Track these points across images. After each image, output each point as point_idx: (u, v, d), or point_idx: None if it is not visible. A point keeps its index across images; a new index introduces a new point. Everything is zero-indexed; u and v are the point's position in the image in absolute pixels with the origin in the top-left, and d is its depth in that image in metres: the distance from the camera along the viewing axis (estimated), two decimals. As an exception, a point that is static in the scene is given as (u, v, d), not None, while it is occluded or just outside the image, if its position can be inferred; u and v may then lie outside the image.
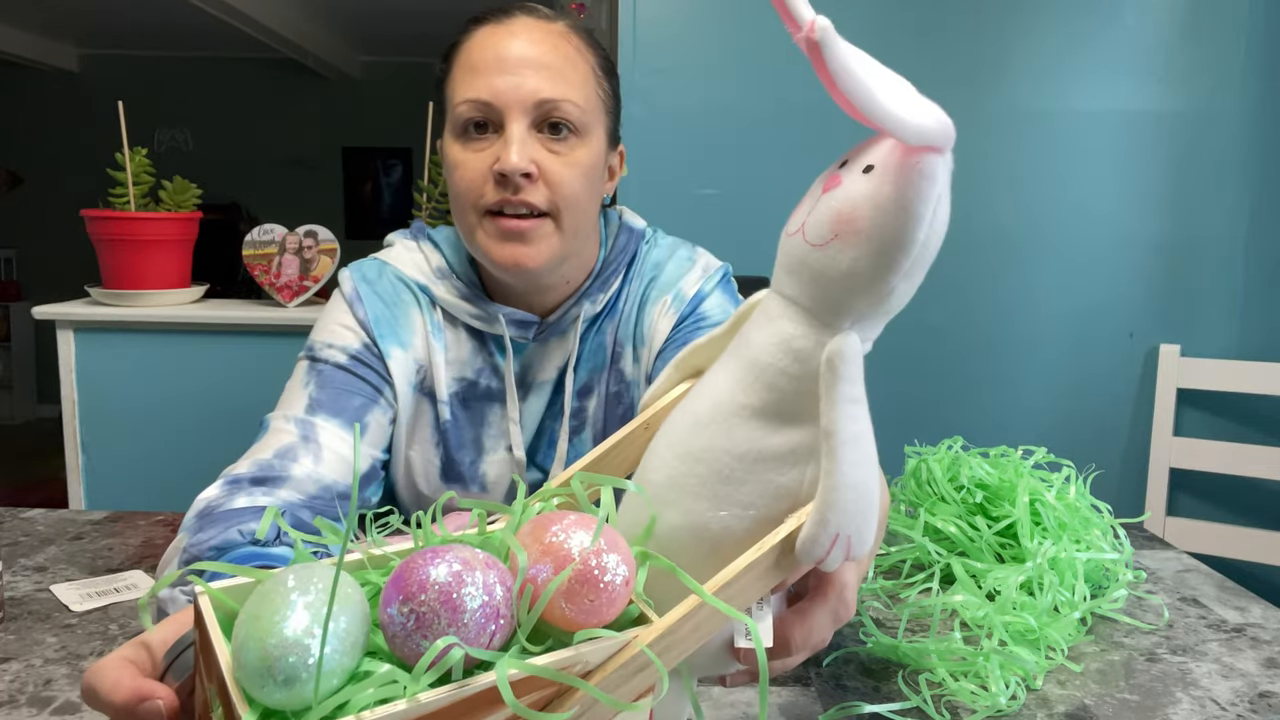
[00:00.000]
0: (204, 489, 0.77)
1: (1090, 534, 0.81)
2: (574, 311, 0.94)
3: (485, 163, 0.84)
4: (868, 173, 0.42)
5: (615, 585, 0.38)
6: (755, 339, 0.45)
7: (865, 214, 0.42)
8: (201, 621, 0.37)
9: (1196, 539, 1.81)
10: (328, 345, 0.91)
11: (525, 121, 0.84)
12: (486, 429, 0.95)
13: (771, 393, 0.43)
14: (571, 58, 0.86)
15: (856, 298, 0.43)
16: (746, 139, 1.85)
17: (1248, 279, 1.89)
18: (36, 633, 0.73)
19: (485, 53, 0.85)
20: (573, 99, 0.85)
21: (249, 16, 4.01)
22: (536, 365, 0.95)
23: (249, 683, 0.33)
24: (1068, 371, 1.93)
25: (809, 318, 0.44)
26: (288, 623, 0.32)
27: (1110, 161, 1.88)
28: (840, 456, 0.42)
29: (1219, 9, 1.83)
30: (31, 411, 5.67)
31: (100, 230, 1.88)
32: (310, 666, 0.32)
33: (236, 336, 1.92)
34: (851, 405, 0.42)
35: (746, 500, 0.43)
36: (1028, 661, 0.66)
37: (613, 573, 0.37)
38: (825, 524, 0.41)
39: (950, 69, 1.86)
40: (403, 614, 0.34)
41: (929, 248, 0.42)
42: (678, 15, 1.85)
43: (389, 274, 0.96)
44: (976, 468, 0.86)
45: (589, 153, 0.87)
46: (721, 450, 0.44)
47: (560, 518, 0.40)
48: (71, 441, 1.95)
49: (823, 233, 0.42)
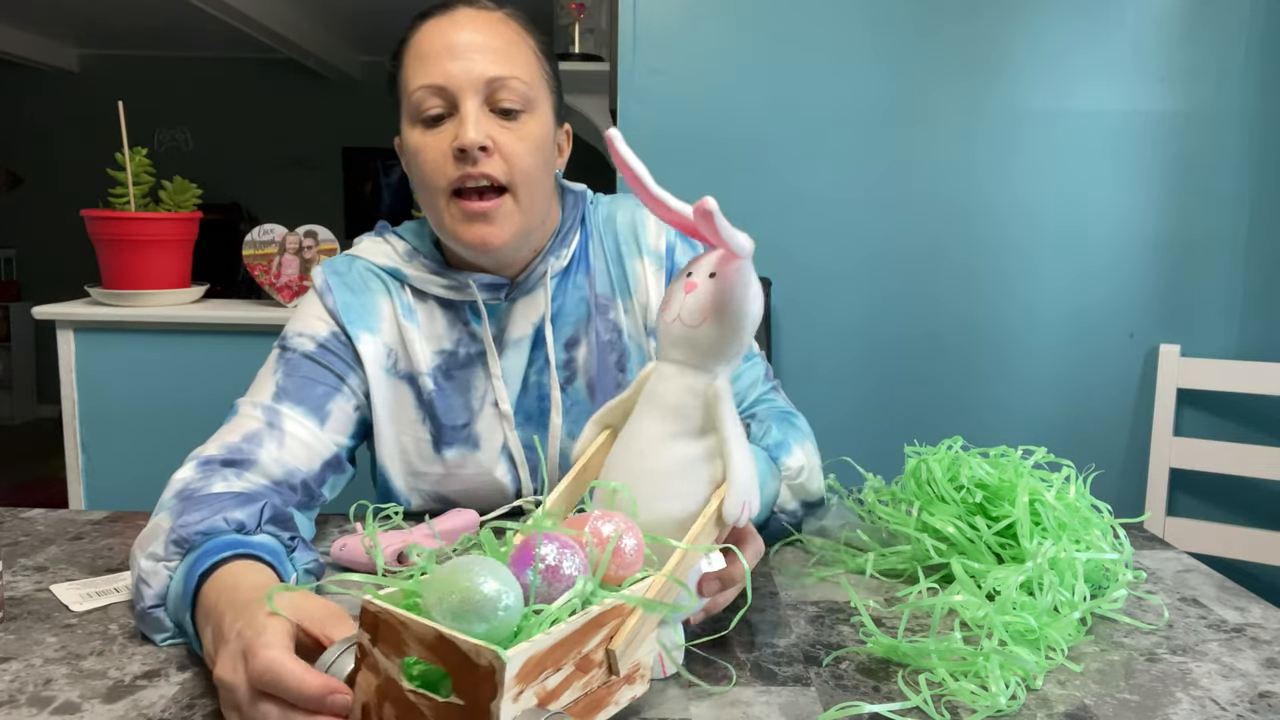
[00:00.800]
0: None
1: (1090, 534, 0.81)
2: (540, 269, 1.00)
3: (445, 143, 0.91)
4: (714, 277, 0.64)
5: (633, 553, 0.59)
6: (662, 391, 0.67)
7: (723, 302, 0.64)
8: (375, 621, 0.50)
9: (1196, 539, 1.81)
10: (298, 334, 0.98)
11: (477, 100, 0.91)
12: (473, 392, 1.01)
13: (687, 421, 0.66)
14: (514, 40, 0.94)
15: (723, 354, 0.66)
16: (746, 139, 1.85)
17: (1248, 279, 1.89)
18: (36, 633, 0.73)
19: (434, 42, 0.92)
20: (519, 76, 0.92)
21: (249, 16, 4.01)
22: (511, 323, 1.01)
23: (455, 624, 0.48)
24: (1067, 371, 1.93)
25: (695, 371, 0.66)
26: (485, 584, 0.49)
27: (1110, 161, 1.88)
28: (734, 452, 0.64)
29: (1219, 9, 1.83)
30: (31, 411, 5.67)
31: (100, 230, 1.88)
32: (500, 610, 0.48)
33: (236, 336, 1.93)
34: (733, 420, 0.65)
35: (690, 491, 0.65)
36: (1028, 661, 0.66)
37: (632, 546, 0.59)
38: (735, 496, 0.63)
39: (950, 68, 1.86)
40: (538, 570, 0.54)
41: (758, 318, 0.66)
42: (678, 15, 1.85)
43: (358, 266, 1.03)
44: (976, 468, 0.86)
45: (538, 127, 0.94)
46: (669, 460, 0.65)
47: (587, 517, 0.60)
48: (71, 441, 1.95)
49: (696, 318, 0.65)
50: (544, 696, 0.51)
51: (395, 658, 0.50)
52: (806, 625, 0.77)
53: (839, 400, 1.94)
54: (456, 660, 0.48)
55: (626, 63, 1.86)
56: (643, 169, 0.65)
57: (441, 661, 0.48)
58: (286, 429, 0.89)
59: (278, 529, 0.78)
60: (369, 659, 0.51)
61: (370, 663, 0.51)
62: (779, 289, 1.84)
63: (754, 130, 1.85)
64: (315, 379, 0.95)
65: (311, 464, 0.91)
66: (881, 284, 1.91)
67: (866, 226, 1.88)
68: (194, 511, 0.76)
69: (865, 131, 1.87)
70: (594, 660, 0.55)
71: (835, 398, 1.94)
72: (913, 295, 1.91)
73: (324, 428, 0.93)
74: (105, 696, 0.63)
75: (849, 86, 1.86)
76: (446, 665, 0.48)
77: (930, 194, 1.88)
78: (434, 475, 1.02)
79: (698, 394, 0.65)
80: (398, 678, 0.50)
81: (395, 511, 0.97)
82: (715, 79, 1.86)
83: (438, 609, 0.49)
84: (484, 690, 0.47)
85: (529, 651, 0.48)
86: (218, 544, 0.72)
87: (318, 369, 0.95)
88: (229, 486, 0.82)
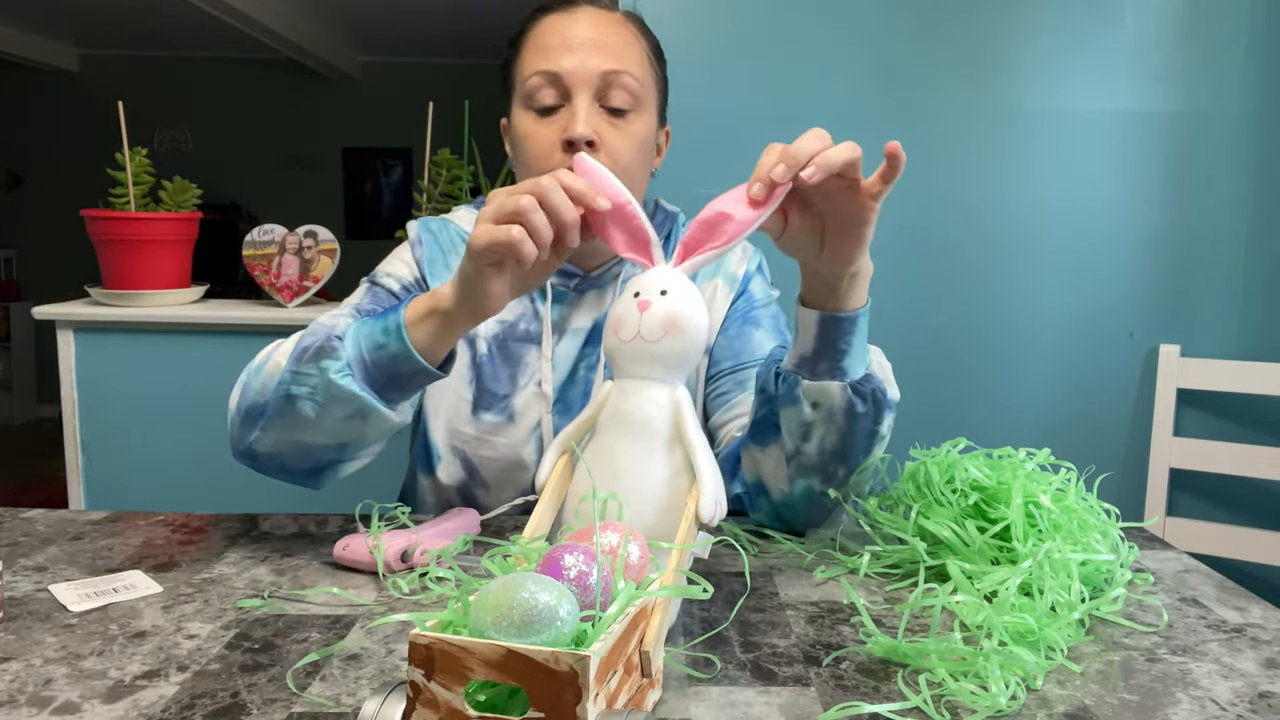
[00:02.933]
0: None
1: (1089, 536, 0.81)
2: (615, 269, 1.06)
3: (555, 133, 0.96)
4: (665, 295, 0.71)
5: (639, 558, 0.61)
6: (626, 409, 0.71)
7: (681, 316, 0.70)
8: (429, 654, 0.50)
9: (1196, 539, 1.81)
10: (386, 274, 1.06)
11: (589, 95, 0.96)
12: (522, 367, 1.06)
13: (657, 435, 0.70)
14: (629, 41, 1.00)
15: (684, 365, 0.71)
16: (746, 139, 1.85)
17: (1248, 279, 1.89)
18: (36, 633, 0.73)
19: (553, 36, 0.98)
20: (632, 73, 0.98)
21: (249, 16, 4.01)
22: (573, 313, 1.06)
23: (520, 639, 0.49)
24: (1067, 372, 1.93)
25: (656, 384, 0.71)
26: (541, 595, 0.50)
27: (1110, 161, 1.88)
28: (700, 456, 0.68)
29: (1219, 9, 1.83)
30: (31, 411, 5.67)
31: (100, 230, 1.88)
32: (560, 618, 0.50)
33: (236, 336, 1.93)
34: (696, 428, 0.70)
35: (677, 505, 0.69)
36: (1028, 662, 0.66)
37: (637, 554, 0.61)
38: (707, 496, 0.67)
39: (949, 69, 1.86)
40: (569, 581, 0.55)
41: (708, 326, 0.72)
42: (678, 15, 1.85)
43: (451, 228, 1.10)
44: (973, 469, 0.86)
45: (644, 126, 1.00)
46: (654, 480, 0.70)
47: (592, 530, 0.61)
48: (71, 441, 1.95)
49: (656, 333, 0.70)
50: (610, 699, 0.51)
51: (457, 687, 0.49)
52: (806, 625, 0.77)
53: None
54: (531, 673, 0.48)
55: (626, 63, 1.86)
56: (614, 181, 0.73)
57: (513, 679, 0.48)
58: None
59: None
60: (424, 695, 0.50)
61: (427, 699, 0.50)
62: (779, 290, 1.84)
63: (754, 130, 1.85)
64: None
65: None
66: (881, 284, 1.89)
67: (866, 226, 1.88)
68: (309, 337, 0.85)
69: (864, 132, 1.86)
70: (634, 663, 0.56)
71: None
72: (912, 295, 1.91)
73: None
74: (105, 696, 0.63)
75: (847, 86, 1.86)
76: (520, 681, 0.48)
77: (929, 194, 1.88)
78: (468, 435, 1.06)
79: (663, 405, 0.70)
80: (462, 708, 0.49)
81: (402, 511, 0.97)
82: (715, 79, 1.86)
83: (496, 628, 0.49)
84: (567, 697, 0.47)
85: (604, 649, 0.49)
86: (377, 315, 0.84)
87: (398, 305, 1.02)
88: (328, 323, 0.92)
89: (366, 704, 0.52)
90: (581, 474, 0.71)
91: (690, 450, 0.68)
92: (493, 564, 0.61)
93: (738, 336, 1.09)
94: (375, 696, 0.52)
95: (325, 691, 0.64)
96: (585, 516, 0.68)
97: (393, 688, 0.53)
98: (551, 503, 0.72)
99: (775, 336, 1.10)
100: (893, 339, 2.00)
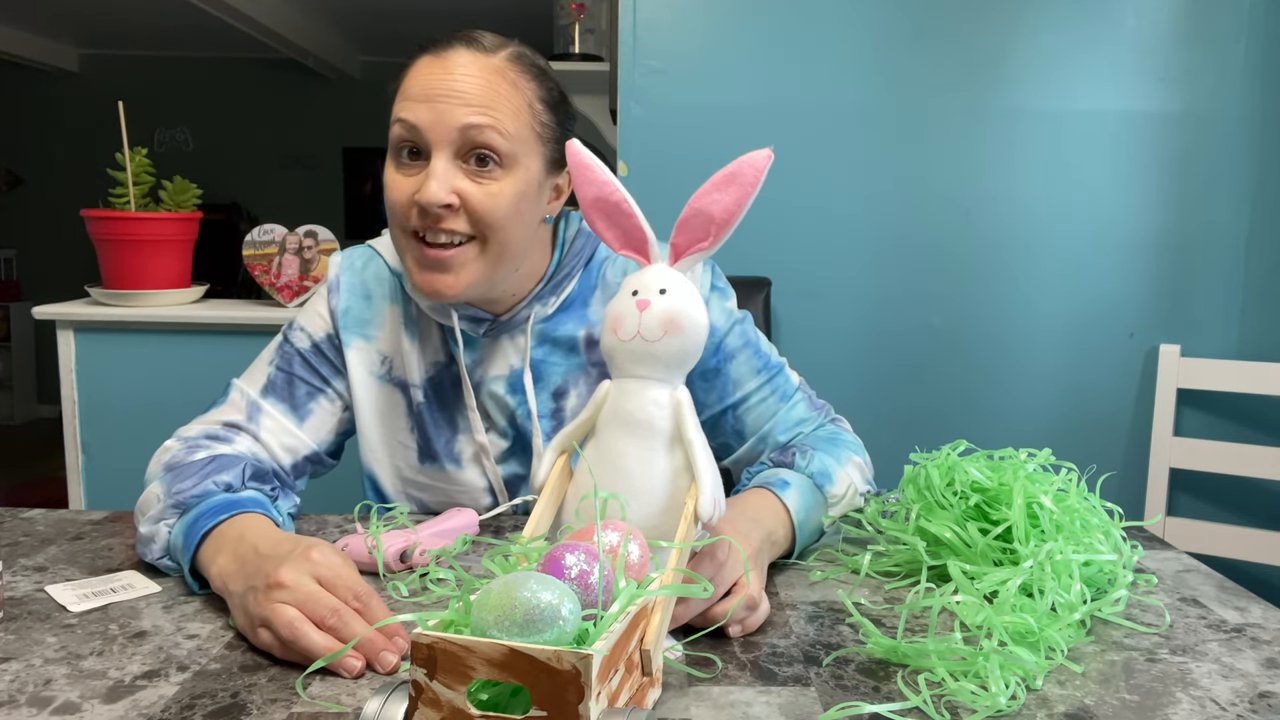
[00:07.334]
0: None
1: (1092, 536, 0.81)
2: (524, 313, 0.99)
3: (411, 188, 0.89)
4: (664, 294, 0.70)
5: (639, 558, 0.61)
6: (628, 409, 0.70)
7: (681, 315, 0.69)
8: (431, 654, 0.50)
9: (1196, 539, 1.81)
10: (300, 329, 1.03)
11: (449, 152, 0.87)
12: (461, 409, 1.02)
13: (658, 435, 0.70)
14: (503, 91, 0.89)
15: (684, 364, 0.71)
16: (746, 139, 1.85)
17: (1248, 279, 1.89)
18: (36, 633, 0.73)
19: (419, 82, 0.89)
20: (499, 127, 0.88)
21: (249, 16, 4.01)
22: (488, 360, 1.01)
23: (523, 638, 0.49)
24: (1067, 372, 1.93)
25: (657, 384, 0.71)
26: (543, 595, 0.50)
27: (1110, 161, 1.88)
28: (699, 455, 0.68)
29: (1219, 9, 1.83)
30: (31, 411, 5.67)
31: (100, 230, 1.88)
32: (562, 617, 0.50)
33: (236, 336, 1.93)
34: (695, 425, 0.70)
35: (677, 499, 0.69)
36: (1028, 662, 0.66)
37: (638, 553, 0.61)
38: (706, 495, 0.67)
39: (950, 69, 1.86)
40: (571, 580, 0.56)
41: (708, 325, 0.72)
42: (678, 15, 1.85)
43: (375, 266, 1.05)
44: (973, 471, 0.86)
45: (515, 181, 0.89)
46: (658, 480, 0.70)
47: (593, 529, 0.62)
48: (71, 441, 1.95)
49: (656, 333, 0.69)
50: (611, 698, 0.52)
51: (459, 686, 0.50)
52: (806, 625, 0.77)
53: (838, 400, 1.92)
54: (533, 672, 0.48)
55: (626, 63, 1.86)
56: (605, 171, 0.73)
57: (515, 678, 0.48)
58: (264, 426, 0.97)
59: (259, 484, 0.89)
60: (426, 694, 0.50)
61: (429, 698, 0.50)
62: (779, 289, 1.84)
63: (754, 130, 1.85)
64: (303, 377, 1.01)
65: (283, 460, 0.98)
66: (881, 284, 1.91)
67: (866, 226, 1.88)
68: (186, 480, 0.86)
69: (865, 131, 1.87)
70: (635, 661, 0.56)
71: (835, 398, 1.92)
72: (913, 295, 1.91)
73: (302, 427, 0.99)
74: (105, 696, 0.63)
75: (848, 86, 1.86)
76: (522, 680, 0.48)
77: (930, 194, 1.88)
78: (421, 482, 1.04)
79: (663, 405, 0.70)
80: (464, 707, 0.50)
81: (401, 511, 0.97)
82: (715, 79, 1.86)
83: (499, 627, 0.49)
84: (569, 695, 0.48)
85: (606, 648, 0.50)
86: (213, 505, 0.82)
87: (307, 368, 1.01)
88: (210, 452, 0.92)
89: (368, 703, 0.52)
90: (582, 473, 0.71)
91: (688, 448, 0.69)
92: (493, 564, 0.61)
93: (716, 376, 1.02)
94: (377, 696, 0.52)
95: (326, 692, 0.64)
96: (587, 516, 0.67)
97: (394, 687, 0.52)
98: (551, 502, 0.72)
99: (752, 359, 1.03)
100: (893, 339, 2.02)
